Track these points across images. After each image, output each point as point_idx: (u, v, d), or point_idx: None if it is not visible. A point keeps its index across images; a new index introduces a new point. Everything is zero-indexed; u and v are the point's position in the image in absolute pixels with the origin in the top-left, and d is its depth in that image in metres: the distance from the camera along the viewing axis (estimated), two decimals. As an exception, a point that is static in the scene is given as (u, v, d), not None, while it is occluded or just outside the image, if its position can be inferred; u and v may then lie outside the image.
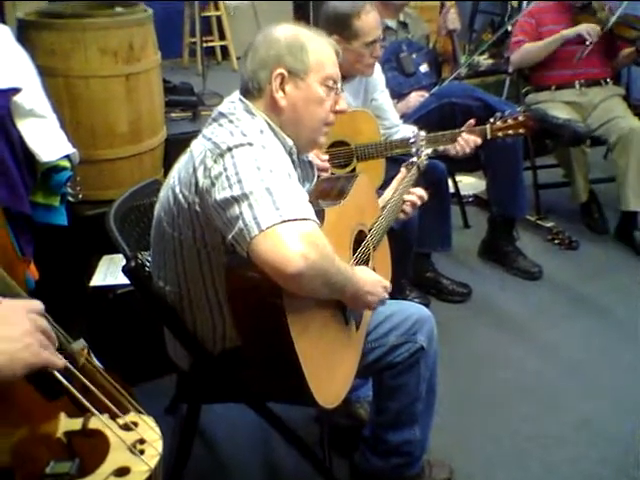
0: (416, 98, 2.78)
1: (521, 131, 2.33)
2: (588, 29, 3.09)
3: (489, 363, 2.33)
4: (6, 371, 0.87)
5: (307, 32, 1.40)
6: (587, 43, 3.09)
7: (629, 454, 1.88)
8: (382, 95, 2.50)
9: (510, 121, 2.32)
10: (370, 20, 2.21)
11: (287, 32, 1.38)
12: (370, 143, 2.35)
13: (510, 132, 2.33)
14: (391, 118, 2.51)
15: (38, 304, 0.97)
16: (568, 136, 2.93)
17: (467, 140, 2.30)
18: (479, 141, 2.31)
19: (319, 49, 1.39)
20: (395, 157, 2.37)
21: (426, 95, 2.80)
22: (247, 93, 1.39)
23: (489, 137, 2.34)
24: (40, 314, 0.95)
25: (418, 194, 1.77)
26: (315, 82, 1.38)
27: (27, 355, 0.89)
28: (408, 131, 2.41)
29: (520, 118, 2.32)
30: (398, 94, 2.80)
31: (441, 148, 2.35)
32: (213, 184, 1.23)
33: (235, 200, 1.18)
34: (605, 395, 2.16)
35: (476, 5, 5.14)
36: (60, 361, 0.96)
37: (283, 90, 1.36)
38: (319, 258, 1.15)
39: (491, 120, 2.34)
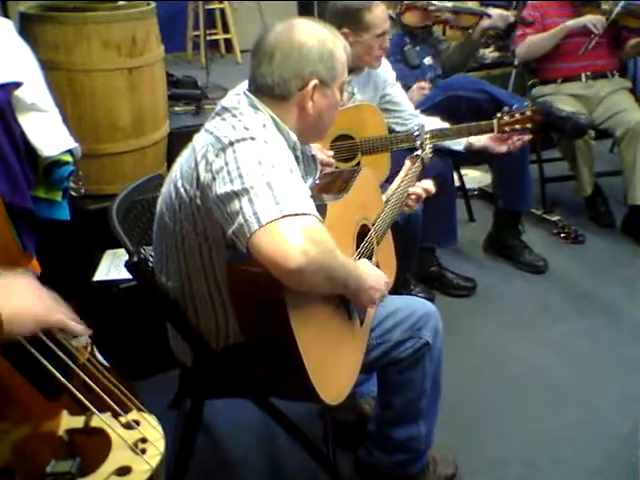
0: (419, 92, 2.75)
1: (528, 125, 2.32)
2: (593, 21, 3.06)
3: (494, 358, 2.32)
4: (17, 323, 0.88)
5: (329, 34, 1.38)
6: (592, 36, 3.07)
7: (635, 450, 1.87)
8: (394, 88, 2.49)
9: (517, 115, 2.32)
10: (380, 12, 2.22)
11: (315, 38, 1.35)
12: (375, 137, 2.34)
13: (517, 127, 2.32)
14: (407, 109, 2.50)
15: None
16: (570, 128, 2.90)
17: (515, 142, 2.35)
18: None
19: (341, 54, 1.39)
20: (401, 151, 2.36)
21: (426, 86, 2.76)
22: (266, 94, 1.35)
23: (496, 132, 2.33)
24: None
25: (424, 187, 1.76)
26: (337, 88, 1.40)
27: (39, 308, 0.91)
28: (426, 121, 2.41)
29: (527, 112, 2.31)
30: (403, 87, 2.78)
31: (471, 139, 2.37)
32: (214, 178, 1.22)
33: (236, 195, 1.17)
34: (611, 390, 2.14)
35: (482, -3, 5.11)
36: (78, 326, 0.96)
37: (312, 98, 1.36)
38: (320, 253, 1.14)
39: (498, 115, 2.34)
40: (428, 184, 1.77)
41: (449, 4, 2.87)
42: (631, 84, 3.34)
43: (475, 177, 3.64)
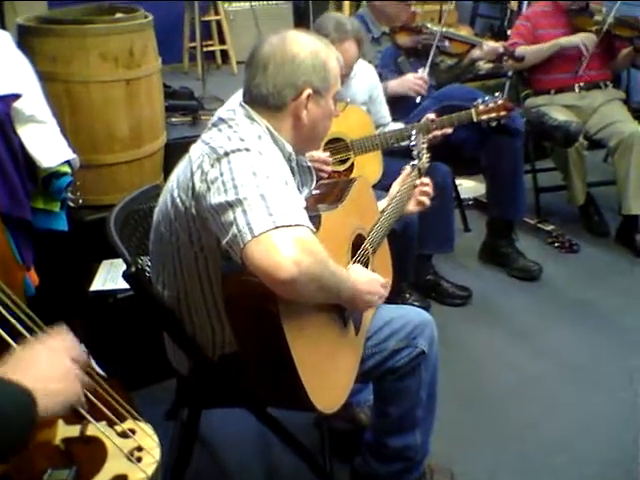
0: (413, 81, 2.75)
1: (503, 114, 2.48)
2: (584, 40, 3.09)
3: (490, 367, 2.33)
4: (59, 409, 0.89)
5: (321, 45, 1.40)
6: (582, 58, 3.10)
7: (633, 457, 1.88)
8: (376, 105, 2.56)
9: (491, 104, 2.47)
10: (343, 53, 2.17)
11: (308, 49, 1.37)
12: (365, 136, 2.38)
13: (493, 115, 2.48)
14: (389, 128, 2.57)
15: (70, 338, 0.98)
16: (560, 136, 2.95)
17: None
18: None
19: (334, 65, 1.42)
20: (393, 150, 2.45)
21: (423, 76, 2.78)
22: (261, 105, 1.37)
23: (475, 120, 2.47)
24: (74, 346, 0.97)
25: (425, 182, 1.79)
26: (330, 98, 1.42)
27: (76, 399, 0.92)
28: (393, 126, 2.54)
29: (499, 102, 2.48)
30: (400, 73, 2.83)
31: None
32: (209, 188, 1.24)
33: (230, 205, 1.19)
34: (608, 398, 2.15)
35: (476, 9, 5.17)
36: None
37: (306, 107, 1.38)
38: (312, 264, 1.15)
39: (474, 104, 2.47)
40: (427, 180, 1.79)
41: (442, 29, 2.92)
42: (624, 95, 3.36)
43: (470, 187, 3.66)
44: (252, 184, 1.19)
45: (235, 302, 1.26)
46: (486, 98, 2.49)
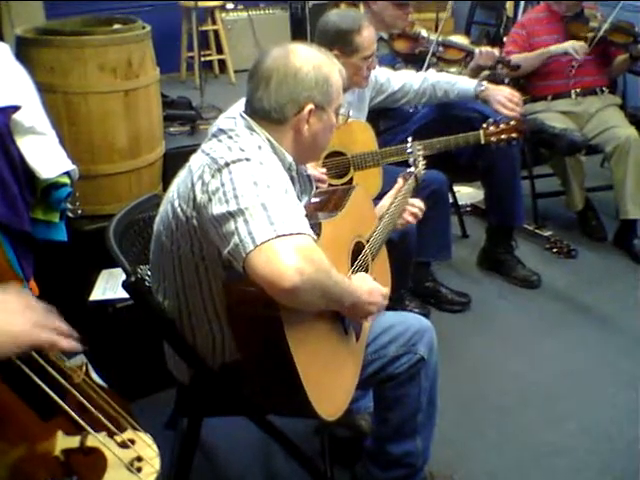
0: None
1: (514, 135, 2.40)
2: (575, 46, 3.10)
3: (489, 373, 2.33)
4: (9, 348, 0.89)
5: (324, 59, 1.41)
6: (573, 63, 3.12)
7: (630, 463, 1.88)
8: (387, 81, 2.57)
9: (502, 126, 2.40)
10: (369, 35, 2.27)
11: (311, 63, 1.37)
12: (366, 152, 2.38)
13: (503, 137, 2.40)
14: (407, 85, 2.59)
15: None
16: (565, 145, 2.95)
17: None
18: None
19: (337, 80, 1.42)
20: (395, 166, 2.41)
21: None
22: (263, 118, 1.38)
23: (483, 142, 2.41)
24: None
25: (418, 205, 1.79)
26: (332, 112, 1.43)
27: (20, 329, 0.93)
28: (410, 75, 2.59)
29: (512, 123, 2.40)
30: None
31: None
32: (210, 199, 1.24)
33: (231, 215, 1.20)
34: (607, 403, 2.16)
35: (472, 16, 5.20)
36: (68, 343, 0.98)
37: (308, 122, 1.39)
38: (314, 272, 1.16)
39: (484, 125, 2.41)
40: (420, 203, 1.80)
41: (439, 37, 2.94)
42: (620, 100, 3.38)
43: (468, 193, 3.67)
44: (253, 194, 1.20)
45: (237, 311, 1.27)
46: (497, 118, 2.42)
